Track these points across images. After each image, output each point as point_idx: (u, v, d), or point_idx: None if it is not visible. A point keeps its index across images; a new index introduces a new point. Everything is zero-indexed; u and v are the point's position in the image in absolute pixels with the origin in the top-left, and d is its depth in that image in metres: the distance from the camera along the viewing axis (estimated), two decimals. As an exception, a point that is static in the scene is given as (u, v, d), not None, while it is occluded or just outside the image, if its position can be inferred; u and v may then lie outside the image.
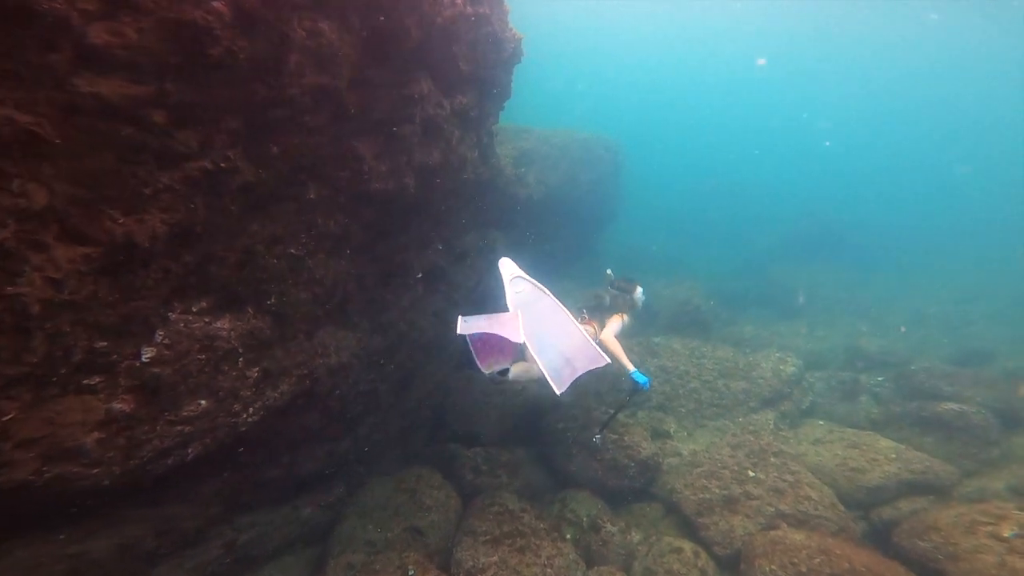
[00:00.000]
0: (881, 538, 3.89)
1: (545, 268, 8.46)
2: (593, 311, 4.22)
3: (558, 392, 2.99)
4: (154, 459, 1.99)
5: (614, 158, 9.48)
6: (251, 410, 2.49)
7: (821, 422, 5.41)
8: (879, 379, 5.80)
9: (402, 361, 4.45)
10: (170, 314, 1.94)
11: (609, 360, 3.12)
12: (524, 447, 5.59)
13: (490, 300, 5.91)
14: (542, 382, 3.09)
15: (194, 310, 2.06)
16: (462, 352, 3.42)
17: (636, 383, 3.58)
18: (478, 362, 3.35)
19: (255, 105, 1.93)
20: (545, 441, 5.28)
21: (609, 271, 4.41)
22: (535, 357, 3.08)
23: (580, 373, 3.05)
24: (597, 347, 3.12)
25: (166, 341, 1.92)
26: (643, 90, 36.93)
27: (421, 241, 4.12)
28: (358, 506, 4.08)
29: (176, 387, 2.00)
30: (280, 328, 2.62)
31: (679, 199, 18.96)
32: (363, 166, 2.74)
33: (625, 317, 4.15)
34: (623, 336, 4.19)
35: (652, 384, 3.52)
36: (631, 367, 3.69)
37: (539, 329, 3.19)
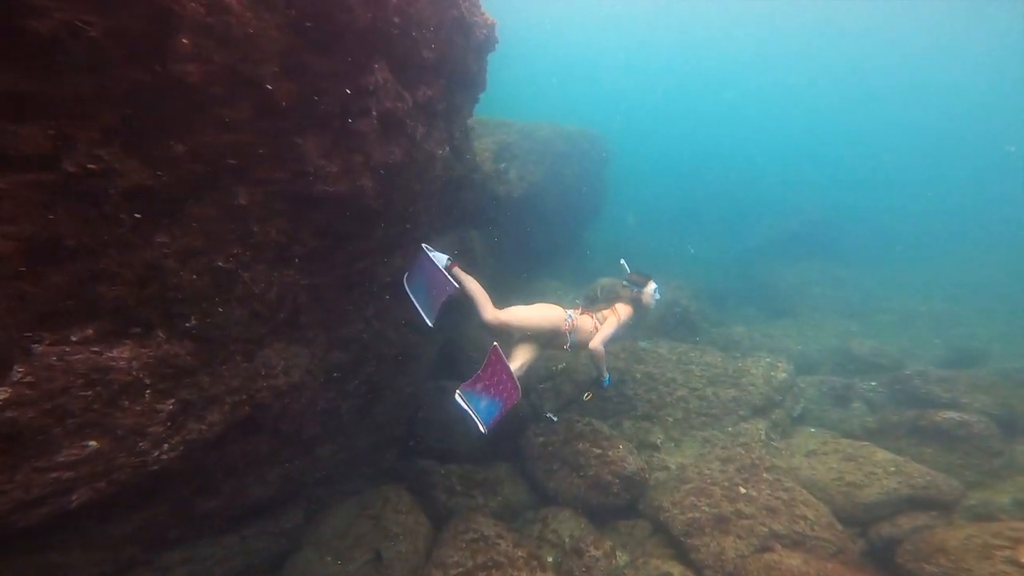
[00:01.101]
0: (881, 558, 3.66)
1: (528, 266, 8.15)
2: (592, 302, 4.03)
3: (430, 324, 3.37)
4: (16, 510, 1.62)
5: (599, 152, 9.18)
6: (165, 447, 2.12)
7: (813, 430, 5.18)
8: (872, 383, 5.59)
9: (368, 375, 4.10)
10: (35, 346, 1.56)
11: (456, 285, 3.36)
12: (504, 461, 5.29)
13: (464, 304, 5.54)
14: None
15: (74, 339, 1.68)
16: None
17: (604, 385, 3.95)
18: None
19: (137, 96, 1.55)
20: (525, 456, 4.97)
21: (623, 261, 4.15)
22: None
23: (441, 300, 3.39)
24: (445, 274, 3.37)
25: (28, 379, 1.54)
26: (629, 83, 36.71)
27: (387, 246, 3.75)
28: (316, 534, 3.72)
29: (48, 430, 1.63)
30: (207, 352, 2.25)
31: (667, 194, 18.76)
32: (307, 166, 2.37)
33: (629, 312, 3.91)
34: (628, 332, 4.01)
35: (611, 381, 4.01)
36: (605, 375, 3.96)
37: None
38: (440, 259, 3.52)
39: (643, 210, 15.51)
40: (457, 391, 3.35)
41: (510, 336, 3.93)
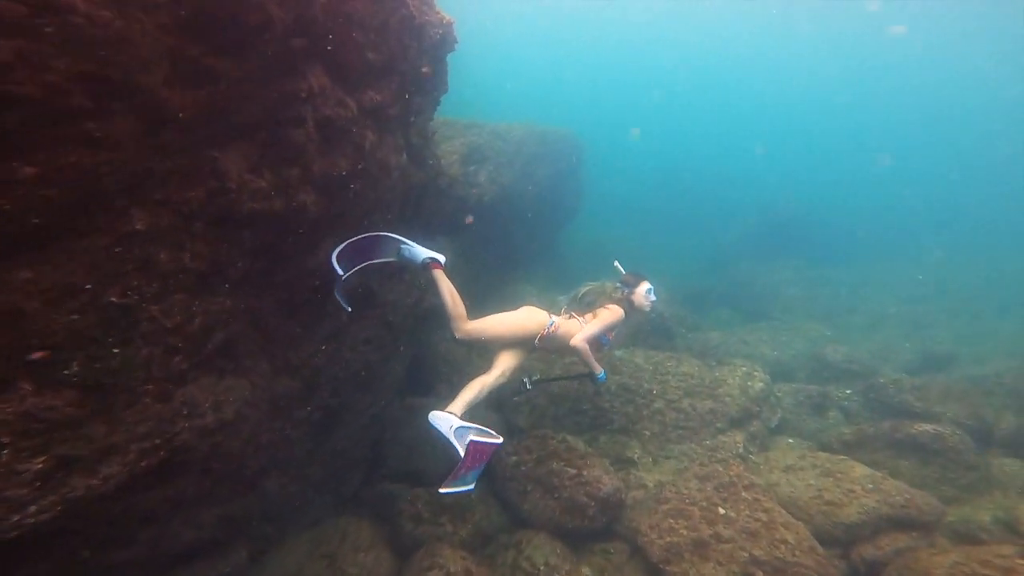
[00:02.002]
0: (862, 583, 3.58)
1: (503, 271, 7.85)
2: (578, 304, 3.82)
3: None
4: None
5: (574, 152, 8.97)
6: (33, 509, 1.79)
7: (791, 440, 5.09)
8: (847, 392, 5.55)
9: (323, 401, 3.78)
10: None
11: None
12: (475, 481, 5.01)
13: (434, 317, 5.24)
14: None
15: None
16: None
17: (598, 380, 3.67)
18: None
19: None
20: (497, 476, 4.72)
21: (616, 263, 3.94)
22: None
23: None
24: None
25: None
26: (602, 81, 36.69)
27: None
28: (264, 580, 3.39)
29: None
30: (98, 400, 1.90)
31: (644, 193, 18.76)
32: (228, 183, 2.04)
33: (619, 315, 3.67)
34: (621, 335, 3.83)
35: (606, 377, 3.68)
36: (598, 370, 3.65)
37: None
38: (417, 253, 3.29)
39: (619, 210, 15.46)
40: (443, 488, 3.02)
41: (488, 347, 3.69)
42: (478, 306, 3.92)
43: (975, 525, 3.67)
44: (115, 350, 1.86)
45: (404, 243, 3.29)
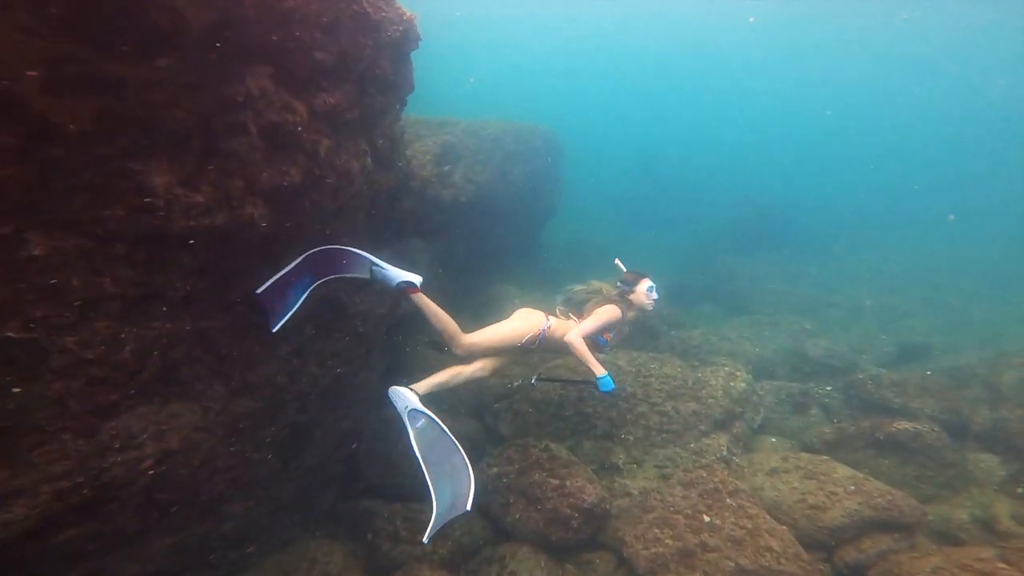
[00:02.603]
0: (847, 587, 3.55)
1: (482, 272, 7.65)
2: (574, 303, 3.68)
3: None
4: None
5: (551, 148, 8.79)
6: None
7: (774, 440, 5.08)
8: (827, 388, 5.56)
9: (290, 419, 3.57)
10: None
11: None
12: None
13: (408, 324, 5.01)
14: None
15: None
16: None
17: (601, 390, 3.23)
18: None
19: None
20: (479, 489, 4.56)
21: (617, 261, 3.76)
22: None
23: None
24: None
25: None
26: (577, 75, 36.49)
27: None
28: (227, 615, 3.18)
29: None
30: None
31: (624, 188, 18.73)
32: (154, 199, 1.81)
33: (616, 314, 3.47)
34: (623, 335, 3.66)
35: (617, 391, 3.30)
36: (599, 371, 3.27)
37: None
38: (390, 276, 3.08)
39: (600, 207, 15.38)
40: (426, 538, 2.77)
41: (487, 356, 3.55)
42: (458, 309, 3.76)
43: (954, 524, 3.69)
44: (15, 389, 1.65)
45: (376, 264, 3.09)
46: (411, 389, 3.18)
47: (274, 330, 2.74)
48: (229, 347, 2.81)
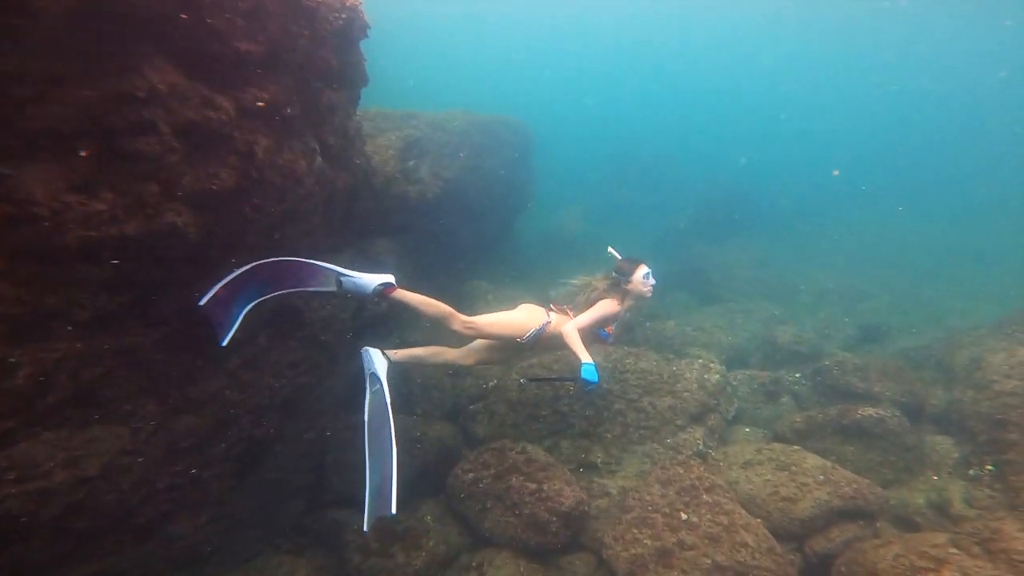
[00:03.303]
0: (817, 574, 3.65)
1: (454, 269, 7.44)
2: (570, 298, 3.58)
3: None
4: None
5: (522, 140, 8.59)
6: None
7: (748, 429, 5.17)
8: (797, 375, 5.70)
9: (244, 433, 3.39)
10: None
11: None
12: (433, 497, 4.76)
13: (371, 329, 4.83)
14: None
15: None
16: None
17: (583, 380, 2.98)
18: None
19: None
20: (454, 495, 4.48)
21: (611, 249, 3.62)
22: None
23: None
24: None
25: None
26: (545, 65, 35.97)
27: None
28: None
29: None
30: None
31: (597, 177, 18.67)
32: (34, 208, 1.58)
33: (613, 306, 3.38)
34: (623, 325, 3.57)
35: (601, 385, 3.03)
36: (585, 358, 3.08)
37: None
38: (364, 283, 2.92)
39: (573, 197, 15.29)
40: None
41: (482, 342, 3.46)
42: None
43: (912, 509, 3.84)
44: None
45: (344, 274, 2.91)
46: (384, 355, 3.17)
47: (223, 343, 2.55)
48: (163, 364, 2.62)
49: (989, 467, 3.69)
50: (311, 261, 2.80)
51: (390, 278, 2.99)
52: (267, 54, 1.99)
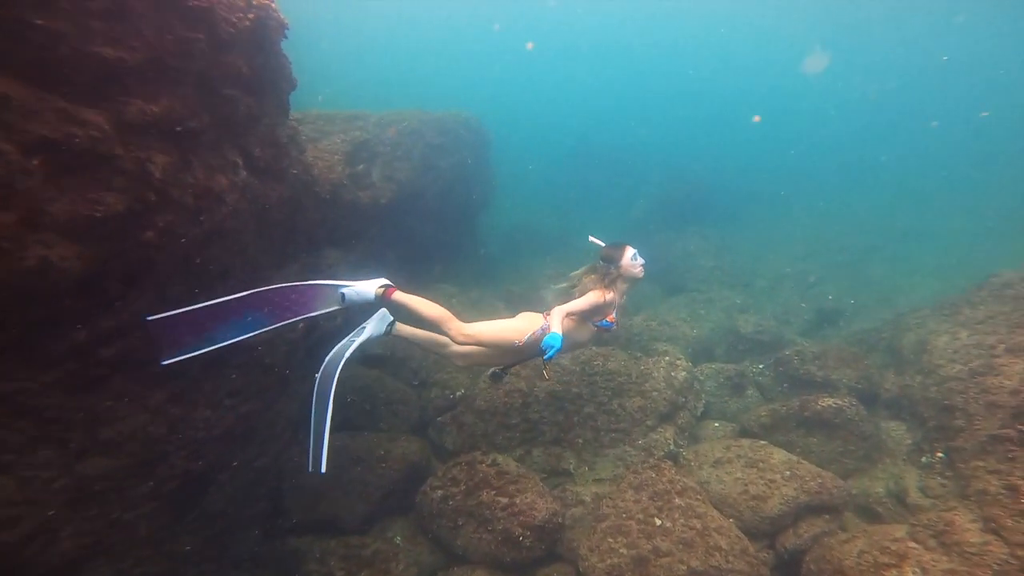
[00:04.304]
0: (788, 571, 3.71)
1: (414, 274, 7.15)
2: (563, 299, 3.41)
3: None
4: None
5: (478, 136, 8.31)
6: None
7: (717, 424, 5.21)
8: (760, 367, 5.81)
9: (177, 469, 3.13)
10: None
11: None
12: (402, 515, 4.57)
13: (326, 346, 4.52)
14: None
15: None
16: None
17: (543, 347, 2.92)
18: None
19: None
20: (424, 513, 4.30)
21: (591, 238, 3.48)
22: None
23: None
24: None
25: None
26: (498, 60, 35.34)
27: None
28: None
29: None
30: None
31: (558, 171, 18.55)
32: None
33: (600, 297, 3.23)
34: (624, 314, 3.42)
35: (552, 357, 2.91)
36: (556, 329, 3.00)
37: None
38: (364, 290, 3.01)
39: (535, 192, 15.13)
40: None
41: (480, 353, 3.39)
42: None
43: (873, 498, 3.96)
44: None
45: (343, 285, 2.95)
46: (390, 324, 3.25)
47: (163, 363, 2.38)
48: (58, 408, 2.33)
49: (940, 454, 3.83)
50: (309, 283, 2.81)
51: (384, 280, 3.05)
52: (149, 61, 1.68)
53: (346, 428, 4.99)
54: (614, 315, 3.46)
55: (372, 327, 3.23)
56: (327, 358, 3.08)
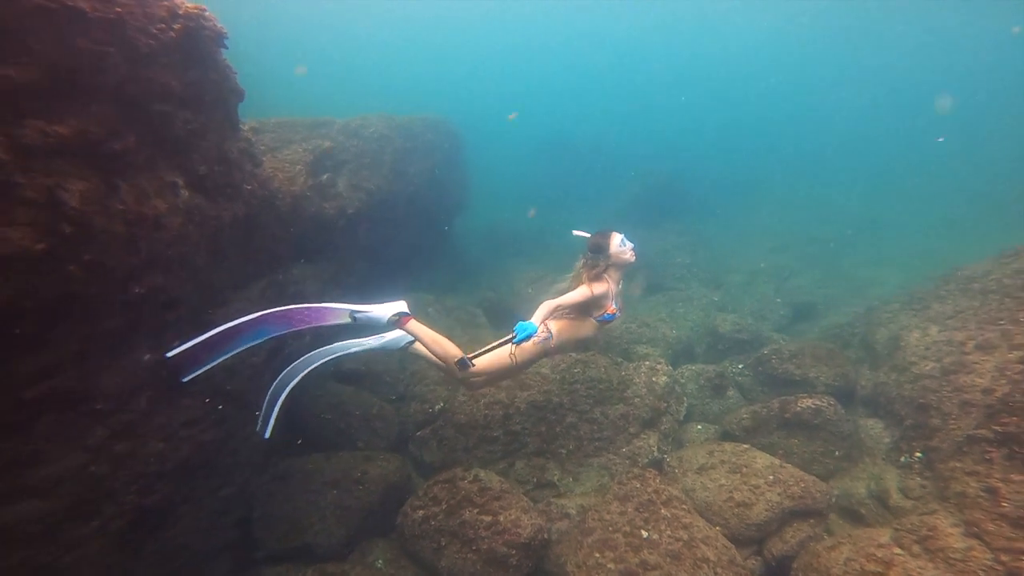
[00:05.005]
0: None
1: (388, 284, 6.92)
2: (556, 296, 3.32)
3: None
4: None
5: (449, 139, 8.10)
6: None
7: (700, 427, 5.19)
8: (740, 367, 5.81)
9: (126, 505, 2.95)
10: None
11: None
12: (383, 537, 4.39)
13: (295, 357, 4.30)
14: None
15: None
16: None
17: (514, 330, 3.01)
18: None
19: None
20: (406, 535, 4.14)
21: (576, 231, 3.39)
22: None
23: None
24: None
25: None
26: (468, 61, 34.91)
27: (103, 347, 2.46)
28: None
29: None
30: None
31: (533, 171, 18.42)
32: None
33: (590, 290, 3.14)
34: (620, 296, 3.49)
35: (522, 341, 3.00)
36: (534, 320, 3.05)
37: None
38: (376, 316, 2.99)
39: (511, 192, 14.97)
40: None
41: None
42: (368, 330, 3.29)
43: (855, 499, 3.98)
44: None
45: (355, 311, 2.96)
46: (411, 341, 3.23)
47: (184, 380, 2.60)
48: None
49: (918, 454, 3.86)
50: (320, 305, 2.87)
51: (403, 306, 3.01)
52: (47, 78, 1.47)
53: (321, 448, 4.78)
54: (613, 306, 3.37)
55: (391, 337, 3.25)
56: (321, 348, 3.18)
